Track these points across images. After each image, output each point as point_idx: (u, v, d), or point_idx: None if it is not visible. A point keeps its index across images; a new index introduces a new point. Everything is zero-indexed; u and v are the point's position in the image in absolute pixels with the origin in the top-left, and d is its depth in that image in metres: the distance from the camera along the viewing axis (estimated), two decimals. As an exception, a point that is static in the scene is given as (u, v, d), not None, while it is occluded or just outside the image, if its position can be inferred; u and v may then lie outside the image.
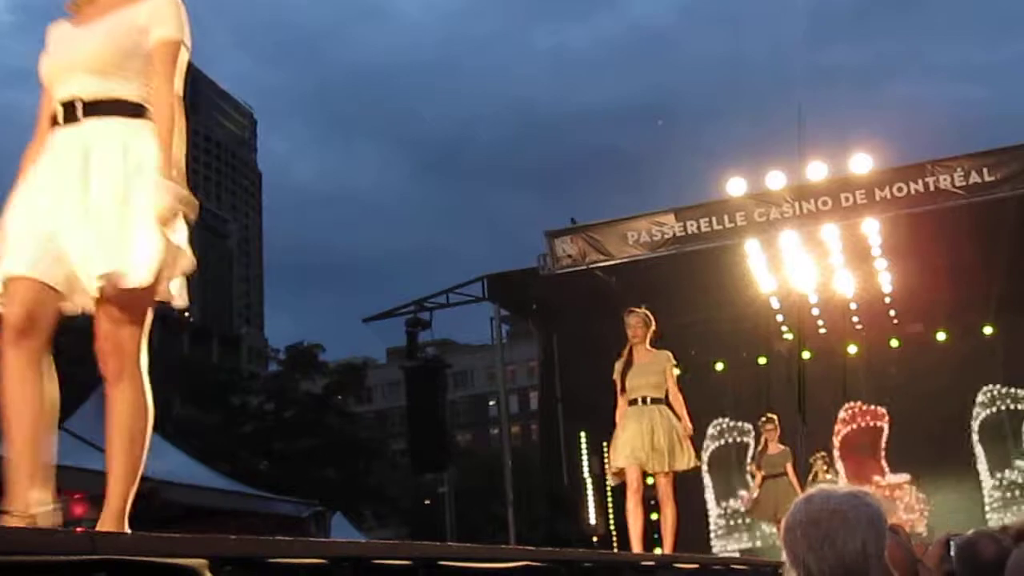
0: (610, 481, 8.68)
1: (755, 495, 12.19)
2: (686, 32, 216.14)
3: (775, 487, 11.75)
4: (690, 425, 7.68)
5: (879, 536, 2.07)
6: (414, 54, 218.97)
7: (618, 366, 7.84)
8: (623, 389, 7.72)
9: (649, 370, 7.66)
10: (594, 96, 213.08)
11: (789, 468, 11.85)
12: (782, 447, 12.09)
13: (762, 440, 12.37)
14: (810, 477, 12.95)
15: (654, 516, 17.82)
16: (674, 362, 7.78)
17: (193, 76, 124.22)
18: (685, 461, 7.56)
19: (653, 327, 7.77)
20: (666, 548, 7.58)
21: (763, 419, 12.36)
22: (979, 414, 16.09)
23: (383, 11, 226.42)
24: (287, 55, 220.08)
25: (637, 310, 7.85)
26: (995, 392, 16.12)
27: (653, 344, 7.82)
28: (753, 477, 12.65)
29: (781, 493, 11.49)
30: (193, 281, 3.06)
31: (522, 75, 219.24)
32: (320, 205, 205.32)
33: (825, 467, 13.29)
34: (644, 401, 7.58)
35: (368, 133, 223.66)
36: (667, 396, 7.69)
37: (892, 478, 15.95)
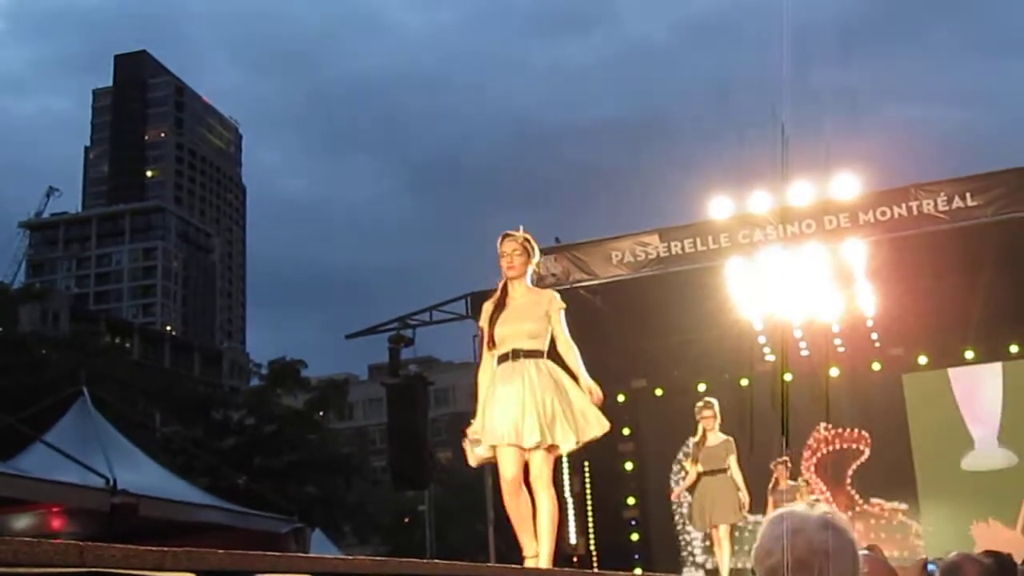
0: (471, 461, 6.13)
1: (690, 497, 10.44)
2: (679, 51, 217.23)
3: (712, 486, 9.79)
4: (594, 385, 5.61)
5: (857, 565, 2.09)
6: (408, 67, 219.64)
7: (487, 308, 5.85)
8: (492, 341, 5.72)
9: (526, 314, 5.68)
10: (587, 113, 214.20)
11: (732, 462, 9.83)
12: (723, 437, 10.01)
13: (699, 429, 10.13)
14: (771, 484, 12.55)
15: (634, 536, 17.73)
16: (561, 303, 5.82)
17: (178, 90, 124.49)
18: (576, 434, 5.49)
19: (537, 259, 5.88)
20: (543, 548, 5.41)
21: (699, 404, 10.27)
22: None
23: (377, 23, 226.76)
24: (279, 67, 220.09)
25: (515, 233, 5.81)
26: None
27: (538, 284, 6.00)
28: (686, 473, 10.82)
29: (719, 493, 9.71)
30: (175, 295, 3.04)
31: (516, 91, 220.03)
32: (306, 219, 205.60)
33: (787, 474, 12.68)
34: (516, 356, 5.59)
35: (357, 146, 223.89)
36: (553, 348, 5.77)
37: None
